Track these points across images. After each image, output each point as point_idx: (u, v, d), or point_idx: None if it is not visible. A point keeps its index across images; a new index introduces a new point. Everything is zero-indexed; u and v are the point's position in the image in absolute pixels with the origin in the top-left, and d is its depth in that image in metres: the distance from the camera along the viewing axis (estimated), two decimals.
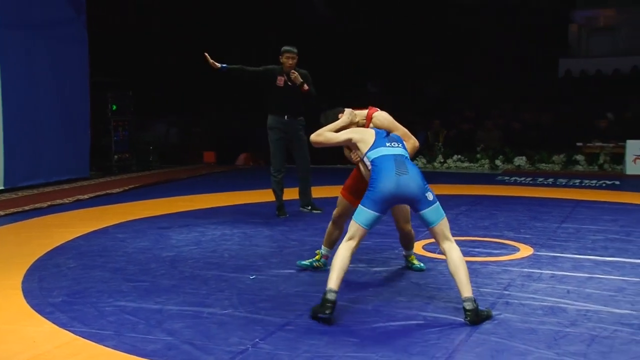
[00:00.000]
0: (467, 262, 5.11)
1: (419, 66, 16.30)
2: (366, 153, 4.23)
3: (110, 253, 5.66)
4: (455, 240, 4.07)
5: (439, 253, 5.47)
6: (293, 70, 7.17)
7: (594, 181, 10.56)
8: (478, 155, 12.93)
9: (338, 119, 4.58)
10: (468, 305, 3.79)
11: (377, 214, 3.98)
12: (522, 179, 10.89)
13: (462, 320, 3.78)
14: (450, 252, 3.99)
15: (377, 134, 4.34)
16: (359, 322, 3.83)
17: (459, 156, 12.91)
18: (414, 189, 3.98)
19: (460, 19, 16.85)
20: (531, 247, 5.67)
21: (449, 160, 12.89)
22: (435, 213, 4.03)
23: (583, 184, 10.21)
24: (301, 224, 6.87)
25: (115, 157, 12.57)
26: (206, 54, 6.93)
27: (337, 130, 4.47)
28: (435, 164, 12.87)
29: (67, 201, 8.61)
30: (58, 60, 10.41)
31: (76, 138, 10.86)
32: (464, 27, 16.55)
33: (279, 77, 7.23)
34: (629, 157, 11.69)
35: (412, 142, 4.57)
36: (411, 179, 3.99)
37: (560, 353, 3.29)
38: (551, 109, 14.47)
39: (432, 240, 5.92)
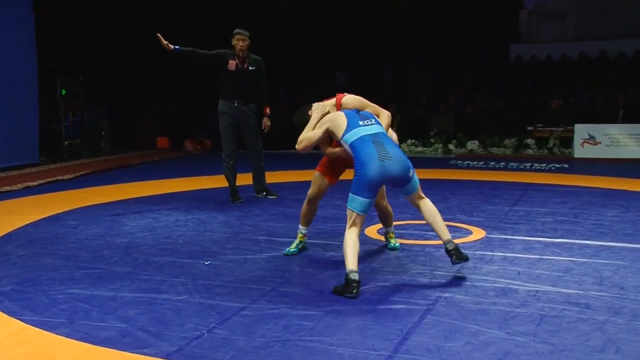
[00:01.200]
0: (421, 245, 5.24)
1: (374, 53, 16.38)
2: (342, 137, 4.36)
3: (61, 240, 5.55)
4: (409, 224, 4.14)
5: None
6: (267, 124, 7.32)
7: (544, 164, 10.81)
8: (432, 140, 13.08)
9: (309, 115, 4.59)
10: (450, 246, 4.26)
11: (368, 199, 4.18)
12: (475, 163, 11.07)
13: (422, 304, 3.83)
14: (425, 204, 4.41)
15: (347, 115, 4.44)
16: (314, 306, 3.84)
17: (413, 140, 13.05)
18: (399, 172, 4.21)
19: (414, 5, 16.99)
20: (483, 230, 5.77)
21: (403, 145, 13.00)
22: (414, 185, 4.36)
23: (533, 168, 10.43)
24: (256, 210, 6.85)
25: (66, 143, 12.32)
26: (159, 35, 6.80)
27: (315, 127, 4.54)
28: None
29: (16, 188, 8.40)
30: (2, 43, 10.10)
31: (24, 123, 10.58)
32: (418, 14, 16.69)
33: (230, 61, 7.13)
34: (577, 141, 11.98)
35: (384, 115, 4.65)
36: (395, 162, 4.18)
37: (511, 333, 3.37)
38: (503, 94, 14.71)
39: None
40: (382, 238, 5.49)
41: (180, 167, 10.83)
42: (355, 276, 4.01)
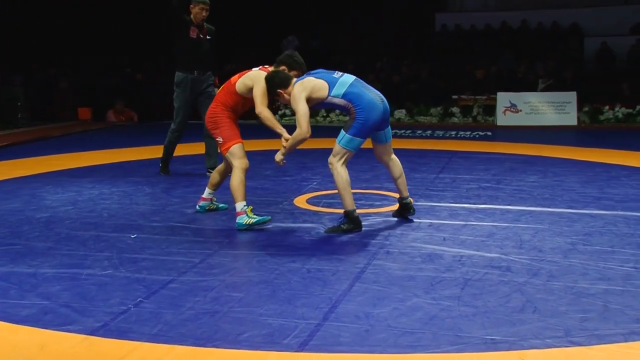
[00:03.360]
0: None
1: (301, 21, 16.24)
2: (330, 94, 4.63)
3: None
4: (337, 194, 4.19)
5: (322, 206, 5.56)
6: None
7: (469, 132, 11.06)
8: None
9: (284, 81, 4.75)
10: (407, 200, 5.00)
11: (364, 140, 4.75)
12: (402, 131, 11.21)
13: (351, 271, 3.87)
14: (395, 161, 5.00)
15: (318, 76, 4.72)
16: (242, 276, 3.83)
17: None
18: (389, 111, 4.79)
19: None
20: (411, 197, 5.86)
21: (332, 114, 13.02)
22: (390, 131, 4.92)
23: (458, 136, 10.65)
24: (184, 181, 6.74)
25: None
26: None
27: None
28: (318, 118, 12.95)
29: None
30: None
31: None
32: None
33: (192, 28, 6.76)
34: (499, 109, 12.30)
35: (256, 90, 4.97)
36: (386, 102, 4.72)
37: (437, 297, 3.45)
38: (428, 62, 14.89)
39: (317, 193, 6.03)
40: (312, 207, 5.50)
41: (104, 139, 10.52)
42: (357, 214, 4.73)
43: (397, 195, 5.92)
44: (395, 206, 5.55)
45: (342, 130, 4.76)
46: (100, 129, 11.99)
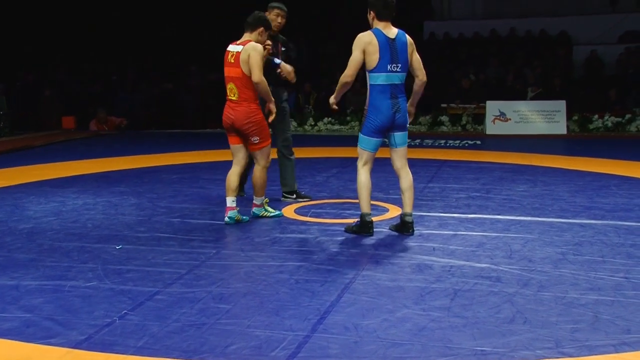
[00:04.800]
0: (338, 223, 5.24)
1: (290, 30, 16.22)
2: (371, 71, 4.78)
3: None
4: (327, 203, 4.13)
5: (310, 216, 5.51)
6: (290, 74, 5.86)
7: (458, 141, 11.06)
8: (348, 118, 13.12)
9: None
10: (409, 219, 4.85)
11: (378, 140, 4.82)
12: None
13: (340, 282, 3.83)
14: (408, 175, 4.91)
15: (381, 47, 4.75)
16: (230, 288, 3.77)
17: (330, 119, 13.04)
18: (400, 122, 4.80)
19: None
20: (400, 207, 5.82)
21: (320, 123, 12.99)
22: (401, 137, 4.87)
23: (448, 145, 10.65)
24: (170, 191, 6.67)
25: None
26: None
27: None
28: (306, 127, 12.92)
29: None
30: None
31: None
32: None
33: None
34: (488, 118, 12.31)
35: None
36: (402, 114, 4.77)
37: (426, 308, 3.41)
38: None
39: (305, 203, 5.98)
40: (300, 217, 5.46)
41: (88, 148, 10.42)
42: (369, 218, 4.78)
43: (386, 205, 5.91)
44: (384, 216, 5.53)
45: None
46: (84, 138, 11.88)
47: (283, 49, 6.05)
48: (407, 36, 4.91)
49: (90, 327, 3.21)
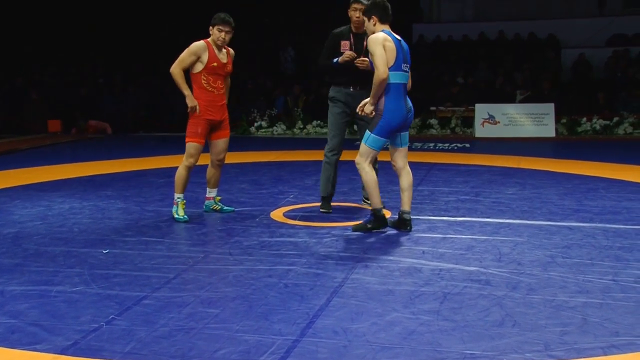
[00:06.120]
0: (327, 227, 5.23)
1: (275, 34, 16.22)
2: (390, 69, 4.82)
3: None
4: (316, 206, 4.12)
5: (299, 219, 5.49)
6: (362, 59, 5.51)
7: (447, 144, 11.07)
8: None
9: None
10: (407, 216, 5.02)
11: (387, 140, 5.04)
12: None
13: (329, 286, 3.81)
14: (407, 172, 5.10)
15: (397, 49, 4.87)
16: (218, 292, 3.75)
17: (319, 122, 13.03)
18: (411, 121, 5.09)
19: None
20: (389, 210, 5.81)
21: (309, 126, 12.98)
22: (406, 137, 5.13)
23: (437, 148, 10.66)
24: (157, 195, 6.63)
25: None
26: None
27: None
28: (295, 130, 12.90)
29: None
30: None
31: None
32: None
33: (343, 42, 5.77)
34: (477, 121, 12.35)
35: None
36: (412, 113, 5.05)
37: (416, 312, 3.40)
38: None
39: (293, 207, 5.96)
40: (289, 221, 5.44)
41: (75, 152, 10.35)
42: (383, 212, 5.00)
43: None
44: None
45: (367, 131, 5.08)
46: (71, 142, 11.80)
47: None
48: None
49: (77, 332, 3.17)
